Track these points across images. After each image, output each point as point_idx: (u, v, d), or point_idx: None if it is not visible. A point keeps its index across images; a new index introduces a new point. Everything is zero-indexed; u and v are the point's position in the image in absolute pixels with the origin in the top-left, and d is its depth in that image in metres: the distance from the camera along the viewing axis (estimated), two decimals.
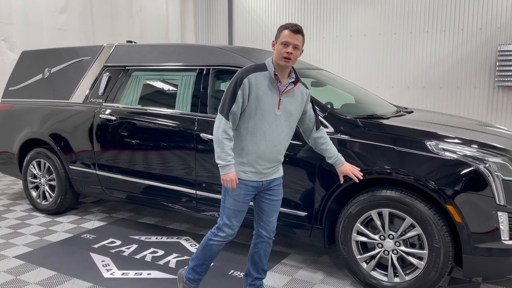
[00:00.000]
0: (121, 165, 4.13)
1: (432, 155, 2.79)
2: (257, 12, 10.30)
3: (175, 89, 4.07)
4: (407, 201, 2.79)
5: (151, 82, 4.33)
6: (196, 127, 3.65)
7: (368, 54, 9.11)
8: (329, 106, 3.87)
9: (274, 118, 2.52)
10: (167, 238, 4.06)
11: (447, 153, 2.77)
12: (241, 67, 3.57)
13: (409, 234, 2.85)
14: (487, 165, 2.68)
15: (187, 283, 2.83)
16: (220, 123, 2.48)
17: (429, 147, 2.82)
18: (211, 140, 3.50)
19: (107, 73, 4.41)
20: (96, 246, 3.87)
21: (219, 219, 2.68)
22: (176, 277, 3.23)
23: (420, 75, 8.68)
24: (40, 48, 5.44)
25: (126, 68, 4.32)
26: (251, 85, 2.46)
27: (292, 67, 2.56)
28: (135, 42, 4.93)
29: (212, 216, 3.67)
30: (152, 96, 4.27)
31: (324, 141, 2.76)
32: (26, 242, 3.94)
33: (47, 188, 4.73)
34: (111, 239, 4.02)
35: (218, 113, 2.51)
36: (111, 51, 4.52)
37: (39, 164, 4.76)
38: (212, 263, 2.83)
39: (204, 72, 3.80)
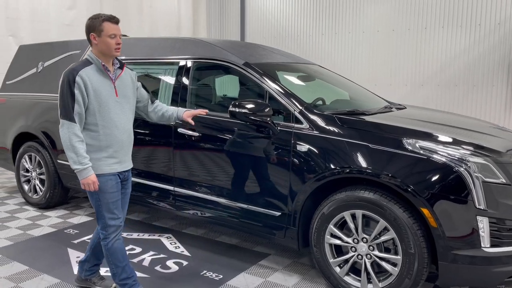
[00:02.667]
0: None
1: (408, 153, 2.59)
2: (269, 8, 10.15)
3: (158, 83, 3.98)
4: (380, 203, 2.60)
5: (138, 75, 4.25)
6: (174, 122, 3.54)
7: (381, 51, 8.81)
8: (320, 102, 3.72)
9: (117, 105, 2.59)
10: (149, 236, 3.98)
11: (425, 152, 2.57)
12: (223, 61, 3.48)
13: (382, 238, 2.66)
14: (468, 165, 2.47)
15: None
16: (67, 128, 2.46)
17: (406, 145, 2.62)
18: (189, 136, 3.41)
19: None
20: (75, 241, 3.83)
21: (99, 221, 2.65)
22: (148, 275, 3.16)
23: (435, 72, 8.32)
24: None
25: None
26: (85, 81, 2.47)
27: None
28: (127, 36, 4.87)
29: (195, 214, 3.56)
30: None
31: (161, 107, 2.92)
32: (9, 236, 3.94)
33: (37, 182, 4.74)
34: (91, 235, 3.96)
35: (61, 119, 2.46)
36: None
37: (30, 157, 4.77)
38: (129, 260, 2.78)
39: (186, 66, 3.69)
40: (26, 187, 4.85)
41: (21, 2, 7.25)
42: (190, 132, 3.42)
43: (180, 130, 3.48)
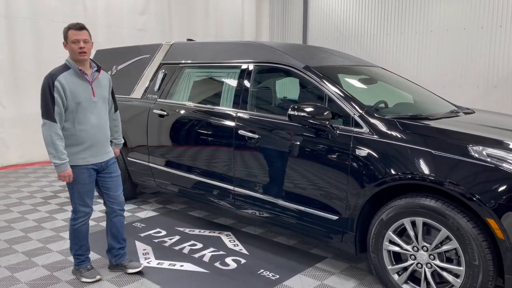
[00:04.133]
0: (169, 159, 4.30)
1: (474, 161, 2.48)
2: (332, 8, 10.05)
3: (221, 85, 4.13)
4: (442, 211, 2.52)
5: (201, 79, 4.44)
6: (235, 124, 3.67)
7: (450, 51, 8.41)
8: (382, 105, 3.67)
9: (93, 105, 2.93)
10: (209, 232, 4.13)
11: (492, 160, 2.45)
12: (283, 65, 3.55)
13: (444, 248, 2.58)
14: None
15: (79, 269, 3.17)
16: (49, 127, 2.80)
17: (472, 152, 2.52)
18: (249, 137, 3.51)
19: (163, 70, 4.61)
20: (142, 235, 4.08)
21: (72, 205, 3.03)
22: (208, 271, 3.30)
23: (510, 73, 7.79)
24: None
25: (180, 65, 4.48)
26: (63, 85, 2.80)
27: (90, 58, 2.96)
28: (193, 40, 5.09)
29: (253, 214, 3.66)
30: (201, 93, 4.37)
31: (116, 124, 3.28)
32: None
33: None
34: (157, 229, 4.20)
35: (43, 119, 2.80)
36: (168, 49, 4.72)
37: None
38: (87, 241, 3.18)
39: (248, 69, 3.80)
40: None
41: (98, 8, 7.79)
42: (250, 134, 3.52)
43: (240, 132, 3.59)
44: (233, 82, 3.92)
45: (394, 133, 2.84)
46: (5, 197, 5.32)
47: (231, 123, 3.69)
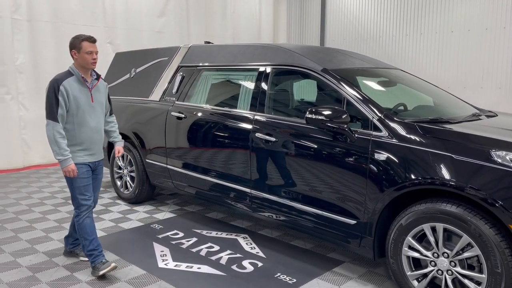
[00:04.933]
0: (187, 161, 4.32)
1: (497, 166, 2.43)
2: (350, 9, 9.97)
3: (239, 88, 4.14)
4: (463, 217, 2.47)
5: (218, 82, 4.46)
6: (252, 127, 3.67)
7: (472, 52, 8.25)
8: (401, 107, 3.62)
9: (92, 109, 3.24)
10: (226, 235, 4.14)
11: None
12: (302, 67, 3.54)
13: (466, 255, 2.52)
14: None
15: (96, 266, 3.26)
16: (52, 126, 3.08)
17: (495, 157, 2.46)
18: (266, 140, 3.50)
19: (181, 73, 4.64)
20: (160, 236, 4.11)
21: (73, 201, 3.28)
22: (225, 274, 3.30)
23: None
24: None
25: (197, 68, 4.51)
26: (67, 89, 3.10)
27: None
28: (211, 43, 5.12)
29: (270, 217, 3.66)
30: (218, 95, 4.39)
31: (113, 125, 3.60)
32: (103, 227, 4.34)
33: (128, 179, 5.15)
34: (175, 231, 4.24)
35: (47, 119, 3.09)
36: (186, 52, 4.76)
37: (122, 156, 5.20)
38: (96, 235, 3.34)
39: (265, 72, 3.80)
40: (118, 183, 5.30)
41: (117, 11, 7.89)
42: (267, 137, 3.51)
43: (257, 134, 3.59)
44: (250, 85, 3.92)
45: (414, 137, 2.79)
46: (27, 197, 5.44)
47: (248, 126, 3.69)
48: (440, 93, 4.09)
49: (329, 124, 2.99)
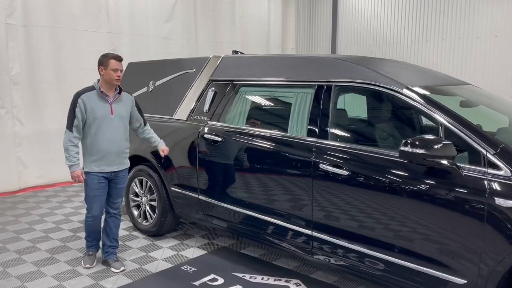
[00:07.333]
0: (225, 192, 3.69)
1: None
2: (365, 13, 9.44)
3: (289, 108, 3.51)
4: None
5: (261, 100, 3.84)
6: (313, 155, 3.06)
7: (499, 59, 7.79)
8: None
9: (109, 121, 3.43)
10: (274, 280, 3.51)
11: None
12: (372, 84, 2.95)
13: None
14: None
15: (86, 252, 3.74)
16: (67, 135, 3.38)
17: None
18: (334, 174, 2.90)
19: (213, 88, 4.01)
20: (197, 283, 3.46)
21: (86, 203, 3.56)
22: None
23: None
24: (145, 56, 5.28)
25: (234, 82, 3.88)
26: (85, 102, 3.36)
27: None
28: (241, 53, 4.50)
29: (326, 261, 3.06)
30: (263, 116, 3.77)
31: (149, 132, 3.81)
32: (127, 272, 3.67)
33: (147, 208, 4.48)
34: (212, 276, 3.59)
35: (65, 129, 3.38)
36: (217, 64, 4.12)
37: (141, 182, 4.53)
38: (100, 236, 3.72)
39: (324, 89, 3.19)
40: (135, 212, 4.62)
41: (121, 16, 7.21)
42: (337, 170, 2.90)
43: (322, 166, 2.98)
44: (305, 105, 3.31)
45: None
46: (28, 229, 4.72)
47: (309, 155, 3.08)
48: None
49: (432, 160, 2.40)
